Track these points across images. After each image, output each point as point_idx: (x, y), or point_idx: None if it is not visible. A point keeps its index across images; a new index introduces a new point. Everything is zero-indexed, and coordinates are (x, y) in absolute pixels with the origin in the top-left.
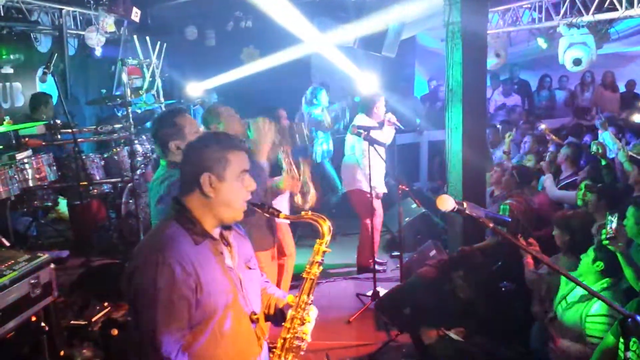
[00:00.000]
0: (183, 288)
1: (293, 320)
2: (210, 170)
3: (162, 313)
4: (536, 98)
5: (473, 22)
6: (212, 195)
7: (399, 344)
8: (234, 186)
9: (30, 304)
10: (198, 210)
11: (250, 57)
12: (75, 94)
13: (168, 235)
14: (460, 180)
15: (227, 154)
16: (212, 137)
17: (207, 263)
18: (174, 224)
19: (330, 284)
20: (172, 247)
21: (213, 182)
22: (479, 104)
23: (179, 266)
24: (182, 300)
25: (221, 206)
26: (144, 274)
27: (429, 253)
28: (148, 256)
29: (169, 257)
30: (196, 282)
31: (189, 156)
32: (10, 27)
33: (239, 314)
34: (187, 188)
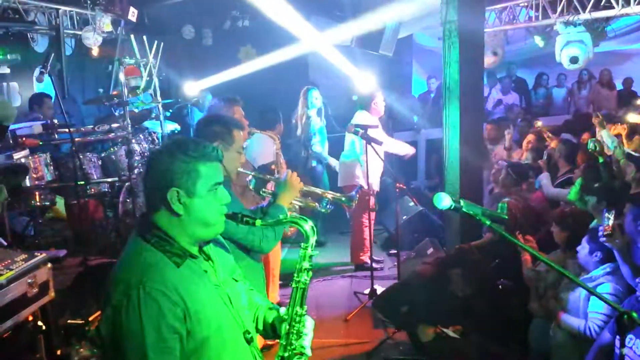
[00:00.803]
0: (171, 320)
1: (289, 335)
2: (177, 184)
3: (154, 352)
4: (533, 96)
5: (470, 20)
6: (182, 213)
7: (396, 342)
8: (206, 201)
9: (27, 303)
10: (170, 229)
11: (247, 56)
12: (73, 94)
13: (145, 262)
14: (458, 178)
15: (197, 165)
16: (179, 146)
17: (193, 287)
18: (147, 247)
19: (327, 282)
20: (153, 276)
21: (182, 197)
22: (476, 102)
23: (163, 297)
24: (172, 335)
25: (194, 224)
26: (127, 313)
27: (427, 251)
28: (127, 292)
29: (150, 288)
30: (184, 310)
31: (153, 168)
32: (7, 27)
33: (233, 335)
34: (154, 206)
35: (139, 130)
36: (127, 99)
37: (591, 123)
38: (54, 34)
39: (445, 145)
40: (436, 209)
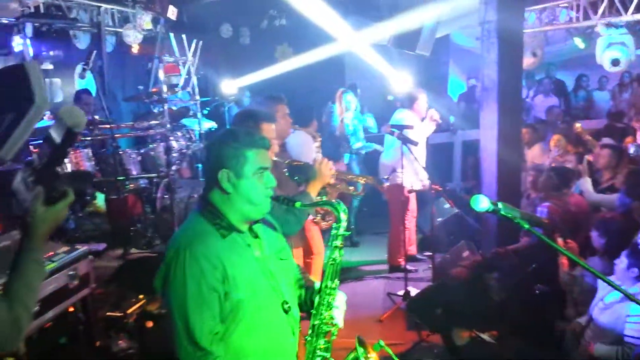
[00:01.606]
0: (211, 280)
1: (319, 306)
2: (227, 166)
3: (193, 304)
4: (573, 98)
5: (509, 20)
6: (231, 191)
7: (430, 345)
8: (252, 183)
9: (69, 295)
10: (222, 206)
11: (284, 55)
12: (113, 91)
13: (195, 230)
14: (495, 181)
15: (245, 151)
16: (231, 134)
17: (234, 255)
18: (201, 219)
19: (361, 282)
20: (199, 242)
21: (231, 178)
22: (514, 103)
23: (204, 259)
24: (211, 292)
25: (242, 202)
26: (175, 269)
27: (462, 254)
28: (177, 252)
29: (195, 251)
30: (223, 274)
31: (209, 153)
32: (50, 24)
33: (270, 304)
34: (209, 185)
35: (177, 128)
36: (166, 97)
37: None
38: (96, 31)
39: (483, 147)
40: (472, 212)
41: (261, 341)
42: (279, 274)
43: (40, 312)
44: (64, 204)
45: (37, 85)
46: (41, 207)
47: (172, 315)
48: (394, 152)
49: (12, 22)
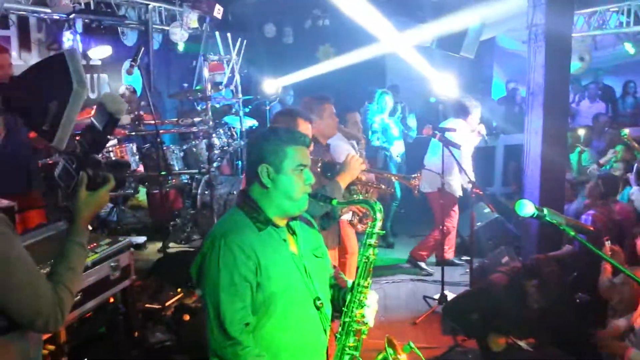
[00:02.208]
0: (243, 270)
1: (350, 303)
2: (267, 161)
3: (225, 292)
4: (621, 105)
5: (557, 24)
6: (270, 186)
7: (465, 350)
8: (291, 179)
9: (110, 286)
10: (261, 200)
11: (326, 55)
12: (158, 87)
13: (232, 222)
14: (538, 187)
15: (286, 147)
16: (273, 131)
17: (269, 248)
18: (239, 212)
19: (396, 284)
20: (235, 232)
21: (270, 173)
22: (561, 108)
23: (239, 249)
24: (243, 282)
25: (280, 197)
26: (210, 258)
27: (501, 259)
28: (213, 242)
29: (230, 241)
30: (256, 265)
31: (251, 149)
32: (100, 21)
33: (302, 299)
34: (250, 179)
35: (220, 125)
36: (210, 94)
37: None
38: (143, 28)
39: (526, 151)
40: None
41: (292, 336)
42: (314, 271)
43: (82, 302)
44: (106, 189)
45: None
46: (84, 192)
47: (206, 303)
48: (438, 157)
49: (64, 18)
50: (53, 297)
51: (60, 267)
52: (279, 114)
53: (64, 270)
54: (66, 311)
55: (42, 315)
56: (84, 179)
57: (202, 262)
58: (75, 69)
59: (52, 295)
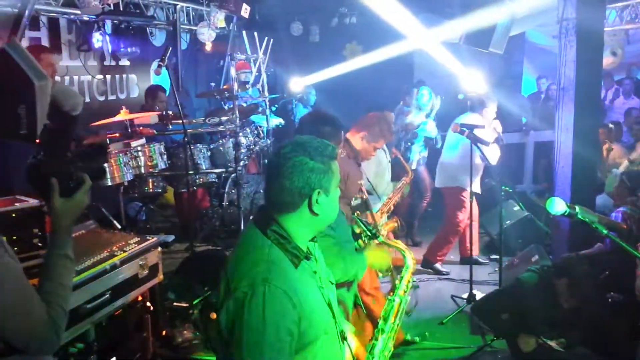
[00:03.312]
0: (289, 322)
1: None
2: (319, 185)
3: (269, 350)
4: None
5: (589, 18)
6: (319, 212)
7: (495, 350)
8: (334, 198)
9: (138, 284)
10: (296, 228)
11: (353, 53)
12: (186, 87)
13: (270, 259)
14: (569, 184)
15: (331, 164)
16: (315, 148)
17: (307, 289)
18: (270, 244)
19: (423, 283)
20: (278, 275)
21: (321, 198)
22: (593, 104)
23: (286, 297)
24: (288, 337)
25: (322, 222)
26: (250, 308)
27: (532, 258)
28: (253, 287)
29: (275, 287)
30: (300, 313)
31: (292, 170)
32: (128, 22)
33: (332, 337)
34: (290, 205)
35: (246, 124)
36: (237, 93)
37: None
38: (171, 28)
39: (557, 148)
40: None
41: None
42: (333, 301)
43: (111, 300)
44: (83, 191)
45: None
46: (58, 200)
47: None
48: (458, 152)
49: (93, 19)
50: (47, 319)
51: (49, 284)
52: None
53: (53, 287)
54: (61, 332)
55: (36, 338)
56: (54, 186)
57: (236, 311)
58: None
59: (46, 317)
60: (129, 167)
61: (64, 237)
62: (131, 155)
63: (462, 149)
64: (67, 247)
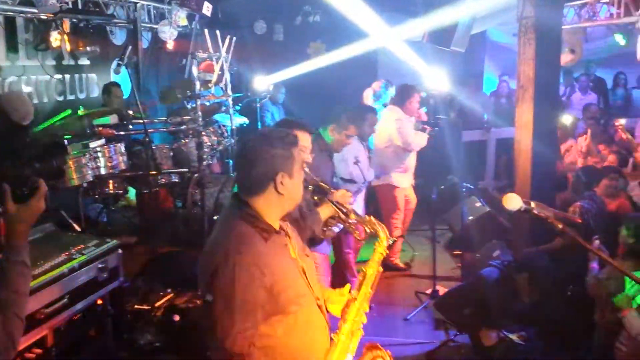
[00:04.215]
0: (259, 288)
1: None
2: (282, 168)
3: (238, 312)
4: (611, 96)
5: (547, 16)
6: (285, 192)
7: (458, 344)
8: (299, 179)
9: (98, 288)
10: (265, 207)
11: (317, 51)
12: (147, 86)
13: (241, 234)
14: (529, 180)
15: (292, 150)
16: (276, 136)
17: (278, 259)
18: (242, 222)
19: (387, 280)
20: (249, 248)
21: (285, 180)
22: (551, 101)
23: (255, 267)
24: (257, 301)
25: (290, 200)
26: (224, 275)
27: (493, 253)
28: (227, 257)
29: (246, 259)
30: (271, 280)
31: (258, 158)
32: (87, 20)
33: (308, 302)
34: (258, 188)
35: (209, 123)
36: (199, 93)
37: None
38: (132, 27)
39: (517, 145)
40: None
41: (302, 341)
42: (309, 272)
43: (69, 304)
44: (39, 196)
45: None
46: (12, 205)
47: (214, 316)
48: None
49: (51, 18)
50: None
51: (4, 292)
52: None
53: (8, 295)
54: (17, 341)
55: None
56: (6, 192)
57: (215, 275)
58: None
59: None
60: (88, 168)
61: (20, 243)
62: (90, 156)
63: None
64: (23, 254)
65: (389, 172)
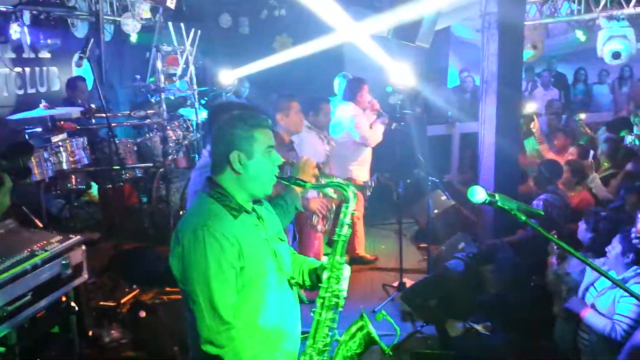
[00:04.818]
0: (230, 257)
1: (329, 279)
2: (239, 148)
3: (216, 281)
4: (572, 92)
5: (510, 13)
6: (242, 171)
7: (424, 335)
8: (262, 162)
9: (61, 284)
10: (231, 187)
11: (283, 45)
12: (110, 80)
13: (209, 211)
14: (493, 174)
15: (254, 132)
16: (239, 117)
17: (247, 234)
18: (211, 200)
19: (354, 273)
20: (215, 220)
21: (242, 159)
22: (514, 96)
23: (223, 237)
24: (231, 269)
25: (251, 182)
26: (194, 250)
27: (458, 246)
28: (195, 232)
29: (214, 230)
30: (239, 251)
31: (219, 137)
32: (48, 12)
33: (278, 280)
34: (219, 167)
35: (174, 118)
36: (164, 86)
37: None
38: (94, 19)
39: (481, 139)
40: (469, 204)
41: (271, 317)
42: (281, 255)
43: (33, 301)
44: (3, 193)
45: None
46: None
47: (193, 294)
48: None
49: (10, 10)
50: None
51: None
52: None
53: None
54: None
55: None
56: None
57: (184, 255)
58: None
59: None
60: (50, 163)
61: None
62: (52, 151)
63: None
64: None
65: (348, 165)
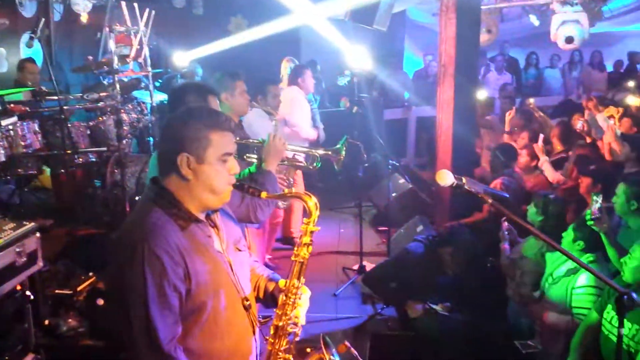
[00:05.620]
0: (173, 278)
1: (285, 306)
2: (188, 150)
3: (155, 307)
4: (523, 76)
5: None
6: (191, 177)
7: (385, 317)
8: (216, 169)
9: (16, 273)
10: (181, 193)
11: (238, 27)
12: (60, 61)
13: (152, 222)
14: (450, 157)
15: (210, 133)
16: (192, 114)
17: (195, 250)
18: (156, 209)
19: (315, 257)
20: (158, 235)
21: (191, 163)
22: (471, 79)
23: (166, 256)
24: (174, 292)
25: (202, 190)
26: (132, 268)
27: (416, 228)
28: (133, 248)
29: (155, 246)
30: (185, 271)
31: (166, 135)
32: None
33: (231, 301)
34: (165, 169)
35: (128, 100)
36: (117, 68)
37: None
38: None
39: (439, 123)
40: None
41: (223, 342)
42: (238, 268)
43: None
44: None
45: None
46: None
47: (127, 318)
48: None
49: None
50: None
51: None
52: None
53: None
54: None
55: None
56: None
57: (118, 272)
58: None
59: None
60: (2, 148)
61: None
62: (2, 135)
63: None
64: None
65: None
